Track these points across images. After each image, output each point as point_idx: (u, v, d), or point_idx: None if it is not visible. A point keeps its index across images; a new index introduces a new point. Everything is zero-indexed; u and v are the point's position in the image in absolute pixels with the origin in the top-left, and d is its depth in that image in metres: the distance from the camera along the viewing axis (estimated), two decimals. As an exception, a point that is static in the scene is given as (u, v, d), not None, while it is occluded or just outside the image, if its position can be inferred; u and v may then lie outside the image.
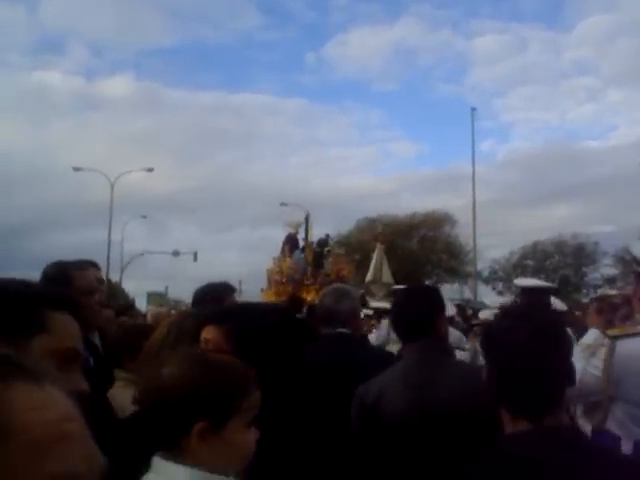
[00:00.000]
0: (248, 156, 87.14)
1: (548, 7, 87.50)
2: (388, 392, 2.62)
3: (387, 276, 15.68)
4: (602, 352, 2.80)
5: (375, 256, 16.09)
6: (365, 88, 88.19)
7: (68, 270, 2.76)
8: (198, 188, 75.33)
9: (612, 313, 4.06)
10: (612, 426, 2.71)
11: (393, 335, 5.00)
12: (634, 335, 2.76)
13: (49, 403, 0.56)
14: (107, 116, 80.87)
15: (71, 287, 2.62)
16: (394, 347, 4.51)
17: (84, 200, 63.51)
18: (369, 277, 16.71)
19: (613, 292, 4.29)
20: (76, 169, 38.75)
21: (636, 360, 2.63)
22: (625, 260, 45.44)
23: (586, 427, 2.84)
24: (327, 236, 22.86)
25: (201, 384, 1.43)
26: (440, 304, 2.87)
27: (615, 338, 2.80)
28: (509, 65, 78.17)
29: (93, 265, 3.33)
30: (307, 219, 22.93)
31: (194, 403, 1.40)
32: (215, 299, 3.27)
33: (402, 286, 8.01)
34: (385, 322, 6.88)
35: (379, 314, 9.02)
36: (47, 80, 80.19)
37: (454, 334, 6.10)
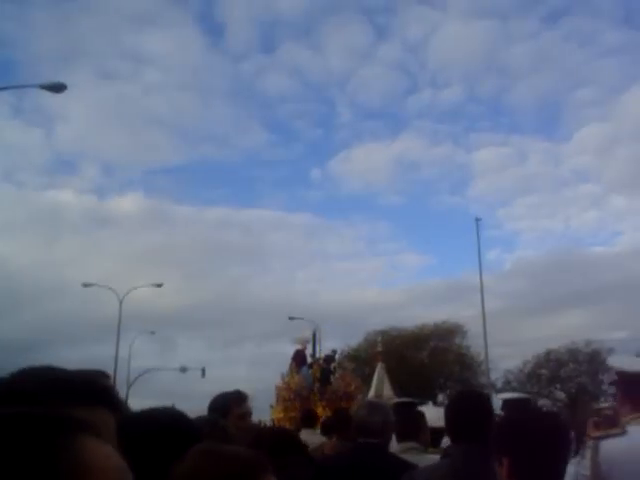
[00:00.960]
0: (256, 271, 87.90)
1: (545, 119, 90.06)
2: None
3: (388, 391, 15.59)
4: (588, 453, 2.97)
5: (376, 373, 16.02)
6: (371, 202, 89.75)
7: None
8: (206, 303, 75.47)
9: (609, 425, 4.00)
10: None
11: (395, 445, 5.01)
12: (614, 435, 2.92)
13: (114, 454, 0.67)
14: (117, 233, 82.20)
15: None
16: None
17: (93, 316, 63.47)
18: (371, 393, 16.79)
19: (606, 405, 4.31)
20: (86, 285, 39.08)
21: (618, 457, 2.78)
22: (641, 367, 44.70)
23: None
24: (334, 352, 22.90)
25: (208, 474, 1.48)
26: (488, 411, 3.06)
27: (597, 439, 2.97)
28: (511, 176, 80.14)
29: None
30: (314, 335, 23.59)
31: None
32: (224, 408, 3.56)
33: (404, 399, 7.88)
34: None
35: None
36: (60, 199, 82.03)
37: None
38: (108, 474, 0.64)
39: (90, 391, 1.22)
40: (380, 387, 14.80)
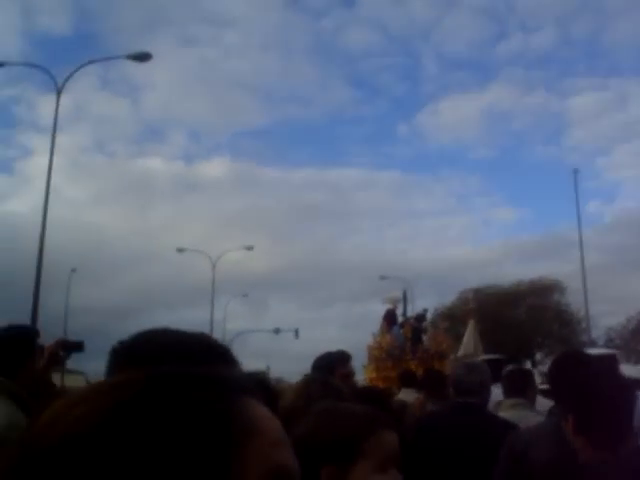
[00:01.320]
0: (345, 231, 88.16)
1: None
2: (539, 443, 2.77)
3: (479, 349, 15.13)
4: None
5: (467, 331, 15.61)
6: (460, 156, 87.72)
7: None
8: (296, 264, 76.42)
9: None
10: None
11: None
12: None
13: (272, 415, 0.69)
14: (206, 197, 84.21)
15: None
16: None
17: (187, 280, 65.51)
18: (461, 351, 16.39)
19: None
20: (179, 250, 40.02)
21: None
22: None
23: None
24: (425, 311, 22.67)
25: (321, 432, 1.56)
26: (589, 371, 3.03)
27: None
28: (610, 122, 76.06)
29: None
30: (405, 295, 23.47)
31: (317, 450, 1.49)
32: (328, 367, 3.62)
33: (492, 356, 7.63)
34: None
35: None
36: (149, 166, 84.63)
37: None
38: (275, 435, 0.66)
39: (211, 352, 1.23)
40: (470, 346, 14.43)
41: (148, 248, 75.47)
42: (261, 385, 2.93)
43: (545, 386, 5.83)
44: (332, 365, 3.67)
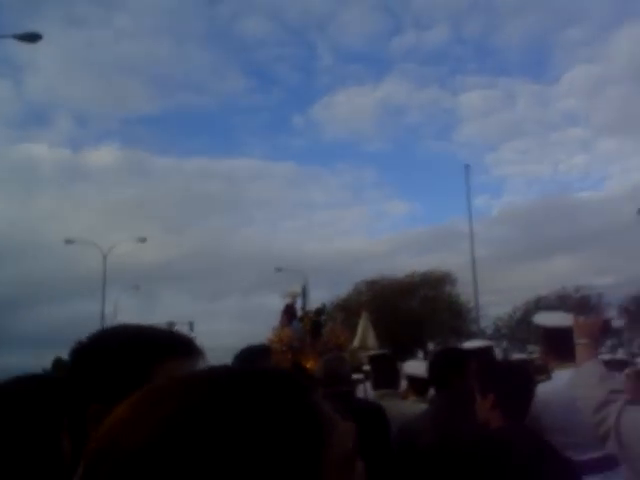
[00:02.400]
0: (239, 222, 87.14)
1: (533, 60, 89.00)
2: (423, 429, 3.44)
3: (372, 342, 15.65)
4: None
5: (361, 323, 16.01)
6: (355, 148, 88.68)
7: None
8: (190, 256, 74.96)
9: (539, 372, 4.62)
10: None
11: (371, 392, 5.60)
12: (543, 380, 3.65)
13: (350, 430, 0.70)
14: (95, 186, 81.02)
15: None
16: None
17: (76, 272, 63.16)
18: (355, 343, 16.87)
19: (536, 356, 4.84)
20: (68, 241, 38.40)
21: (546, 399, 3.23)
22: (630, 310, 45.12)
23: None
24: (323, 305, 23.21)
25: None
26: (463, 363, 3.65)
27: None
28: (499, 119, 78.94)
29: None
30: (304, 290, 23.78)
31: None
32: (250, 360, 3.71)
33: (380, 351, 7.94)
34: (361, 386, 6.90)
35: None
36: (33, 152, 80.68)
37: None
38: (348, 434, 0.69)
39: (176, 343, 1.25)
40: (364, 338, 14.84)
41: (33, 239, 72.12)
42: None
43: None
44: (253, 358, 3.74)
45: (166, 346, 1.23)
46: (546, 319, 3.73)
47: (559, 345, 3.43)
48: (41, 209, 75.40)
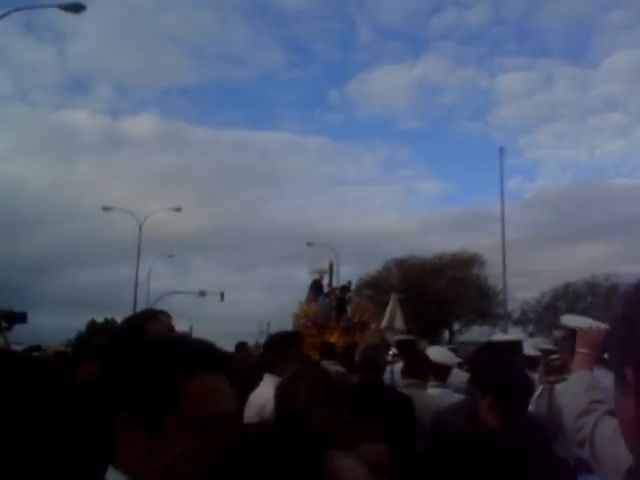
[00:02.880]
0: (272, 195, 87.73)
1: (574, 43, 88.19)
2: (455, 419, 3.63)
3: (400, 324, 16.00)
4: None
5: (390, 304, 16.38)
6: (390, 126, 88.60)
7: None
8: (223, 227, 75.95)
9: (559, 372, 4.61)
10: None
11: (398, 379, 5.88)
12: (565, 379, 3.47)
13: (357, 465, 0.70)
14: (133, 154, 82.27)
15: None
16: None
17: (112, 239, 64.27)
18: (383, 324, 17.18)
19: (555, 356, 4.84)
20: (106, 209, 38.97)
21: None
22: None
23: None
24: (349, 283, 23.55)
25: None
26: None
27: (552, 382, 4.03)
28: (535, 102, 78.66)
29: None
30: (331, 266, 24.06)
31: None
32: (282, 346, 3.85)
33: (408, 337, 8.25)
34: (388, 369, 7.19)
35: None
36: (74, 119, 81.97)
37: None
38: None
39: (206, 357, 1.28)
40: (392, 319, 15.22)
41: (72, 205, 73.73)
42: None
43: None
44: (285, 344, 3.90)
45: (196, 360, 1.25)
46: (574, 321, 3.64)
47: None
48: (80, 175, 76.82)
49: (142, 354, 1.28)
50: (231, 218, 78.65)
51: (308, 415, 2.15)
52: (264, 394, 3.45)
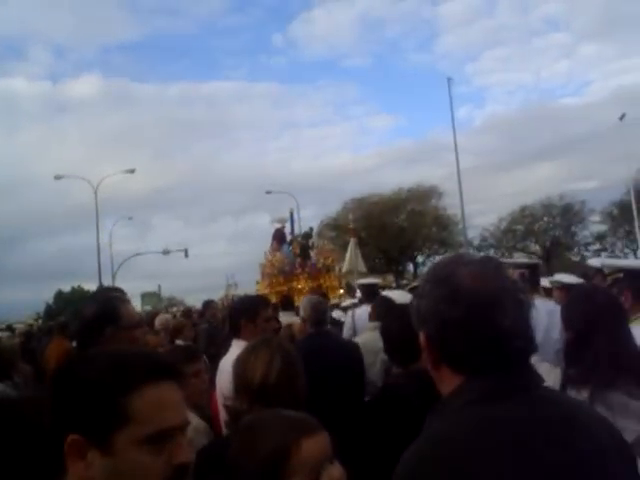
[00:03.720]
0: (226, 145, 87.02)
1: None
2: None
3: (361, 266, 16.42)
4: None
5: (349, 248, 16.77)
6: (336, 65, 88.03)
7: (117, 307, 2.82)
8: (179, 182, 75.41)
9: None
10: None
11: (360, 323, 6.34)
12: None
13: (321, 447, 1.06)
14: (78, 118, 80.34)
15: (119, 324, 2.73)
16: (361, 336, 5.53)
17: (68, 207, 63.27)
18: (345, 268, 17.54)
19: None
20: (57, 177, 37.99)
21: None
22: (612, 215, 46.11)
23: None
24: (311, 229, 23.71)
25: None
26: None
27: None
28: (479, 28, 78.41)
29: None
30: (292, 215, 24.54)
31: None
32: (253, 311, 3.90)
33: (371, 280, 8.55)
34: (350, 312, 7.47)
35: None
36: (12, 87, 79.35)
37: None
38: (316, 462, 1.01)
39: (153, 368, 1.24)
40: (354, 263, 15.64)
41: (21, 176, 72.14)
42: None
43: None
44: (256, 309, 3.93)
45: (142, 372, 1.22)
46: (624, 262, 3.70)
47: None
48: (27, 146, 74.89)
49: (85, 374, 1.22)
50: (186, 173, 78.04)
51: (264, 390, 2.30)
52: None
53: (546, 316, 4.18)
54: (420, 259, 51.41)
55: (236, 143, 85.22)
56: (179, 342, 6.53)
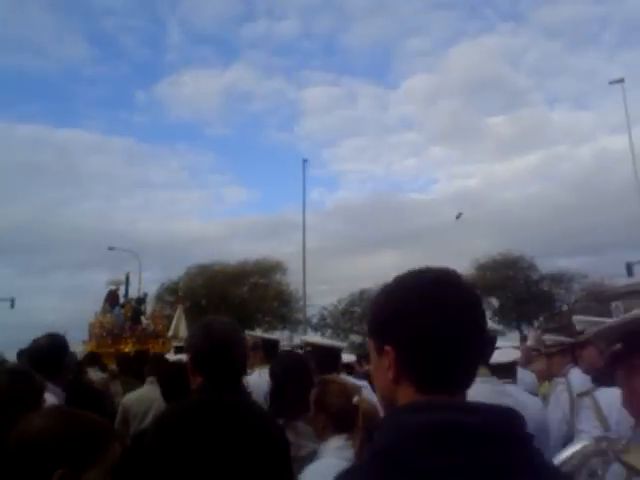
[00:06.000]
0: (72, 196, 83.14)
1: (377, 63, 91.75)
2: None
3: (183, 332, 16.81)
4: None
5: (176, 315, 17.06)
6: (198, 131, 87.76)
7: None
8: (16, 227, 70.90)
9: None
10: None
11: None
12: None
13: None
14: None
15: None
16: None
17: None
18: (170, 333, 17.80)
19: None
20: None
21: None
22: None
23: None
24: (145, 295, 23.90)
25: (62, 433, 1.55)
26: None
27: None
28: (339, 116, 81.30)
29: None
30: (127, 278, 24.17)
31: (54, 451, 1.50)
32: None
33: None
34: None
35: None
36: None
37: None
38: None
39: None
40: (177, 328, 16.06)
41: None
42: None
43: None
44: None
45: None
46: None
47: None
48: None
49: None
50: (25, 219, 73.74)
51: None
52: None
53: None
54: (258, 332, 51.35)
55: (85, 195, 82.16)
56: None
